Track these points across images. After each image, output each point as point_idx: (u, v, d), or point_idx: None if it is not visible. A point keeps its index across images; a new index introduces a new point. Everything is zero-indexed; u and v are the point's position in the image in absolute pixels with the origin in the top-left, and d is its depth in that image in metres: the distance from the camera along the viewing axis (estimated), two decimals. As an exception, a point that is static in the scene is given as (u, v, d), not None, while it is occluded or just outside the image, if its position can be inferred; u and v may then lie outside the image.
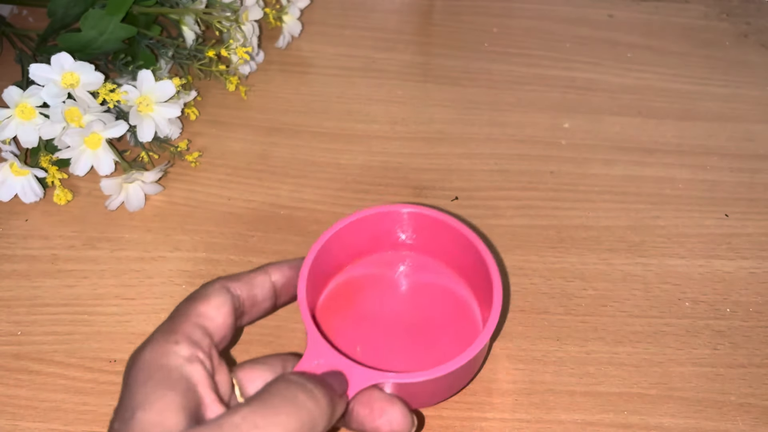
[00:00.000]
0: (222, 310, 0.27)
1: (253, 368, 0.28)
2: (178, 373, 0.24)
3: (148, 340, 0.25)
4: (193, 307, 0.27)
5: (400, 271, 0.36)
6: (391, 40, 0.54)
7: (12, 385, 0.35)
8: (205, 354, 0.25)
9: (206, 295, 0.28)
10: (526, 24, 0.56)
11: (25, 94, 0.40)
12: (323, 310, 0.35)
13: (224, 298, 0.28)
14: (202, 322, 0.27)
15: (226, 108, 0.48)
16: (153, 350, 0.25)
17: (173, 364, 0.24)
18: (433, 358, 0.33)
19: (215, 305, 0.27)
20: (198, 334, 0.26)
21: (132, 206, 0.42)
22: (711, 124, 0.49)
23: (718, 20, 0.57)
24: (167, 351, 0.24)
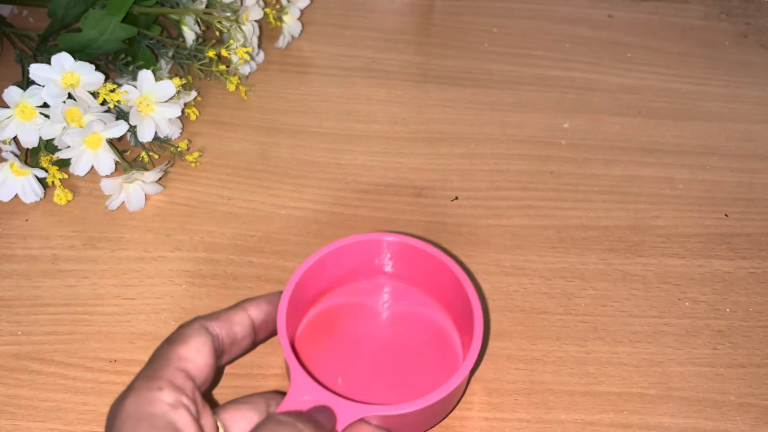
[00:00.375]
0: (202, 351, 0.27)
1: (237, 409, 0.28)
2: (163, 421, 0.23)
3: (130, 387, 0.25)
4: (173, 350, 0.27)
5: (380, 299, 0.36)
6: (391, 40, 0.54)
7: (12, 384, 0.35)
8: (188, 398, 0.25)
9: (185, 337, 0.27)
10: (526, 24, 0.56)
11: (26, 94, 0.40)
12: (303, 339, 0.34)
13: (204, 338, 0.27)
14: (183, 365, 0.26)
15: (227, 108, 0.48)
16: (137, 399, 0.24)
17: (158, 411, 0.24)
18: (415, 387, 0.33)
19: (195, 347, 0.27)
20: (180, 378, 0.26)
21: (132, 206, 0.42)
22: (711, 124, 0.49)
23: (717, 20, 0.57)
24: (151, 398, 0.24)
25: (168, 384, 0.25)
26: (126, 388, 0.25)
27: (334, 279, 0.35)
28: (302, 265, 0.32)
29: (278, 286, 0.39)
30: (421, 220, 0.42)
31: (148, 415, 0.24)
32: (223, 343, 0.28)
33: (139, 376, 0.26)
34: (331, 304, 0.35)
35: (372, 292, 0.36)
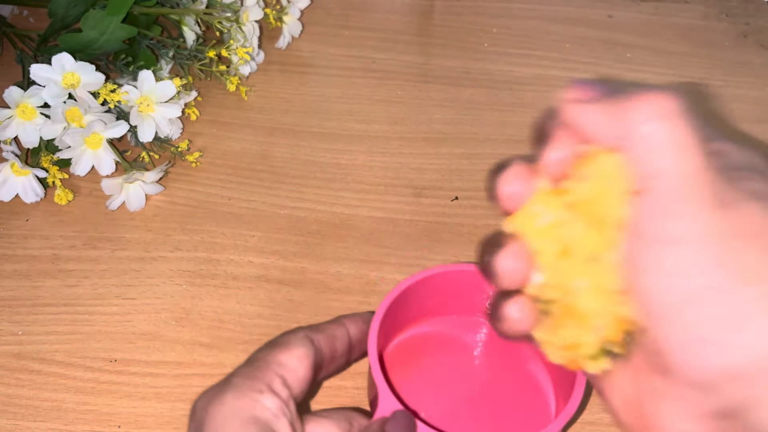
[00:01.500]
0: (304, 363, 0.26)
1: (318, 422, 0.27)
2: (269, 428, 0.23)
3: (228, 383, 0.25)
4: (275, 354, 0.26)
5: (477, 337, 0.33)
6: (391, 40, 0.54)
7: (13, 384, 0.35)
8: (287, 407, 0.25)
9: (289, 344, 0.27)
10: (526, 24, 0.56)
11: (26, 94, 0.40)
12: (390, 362, 0.33)
13: (306, 349, 0.27)
14: (282, 372, 0.26)
15: (227, 108, 0.48)
16: (239, 397, 0.24)
17: (263, 417, 0.23)
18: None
19: (297, 356, 0.26)
20: (278, 384, 0.25)
21: (133, 206, 0.42)
22: (710, 124, 0.49)
23: (717, 20, 0.57)
24: (254, 400, 0.24)
25: (268, 389, 0.24)
26: (223, 383, 0.25)
27: (432, 307, 0.33)
28: (401, 284, 0.30)
29: (278, 286, 0.39)
30: (421, 220, 0.42)
31: (254, 418, 0.23)
32: (324, 357, 0.28)
33: (237, 373, 0.25)
34: (424, 331, 0.33)
35: (469, 328, 0.33)
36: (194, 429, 0.24)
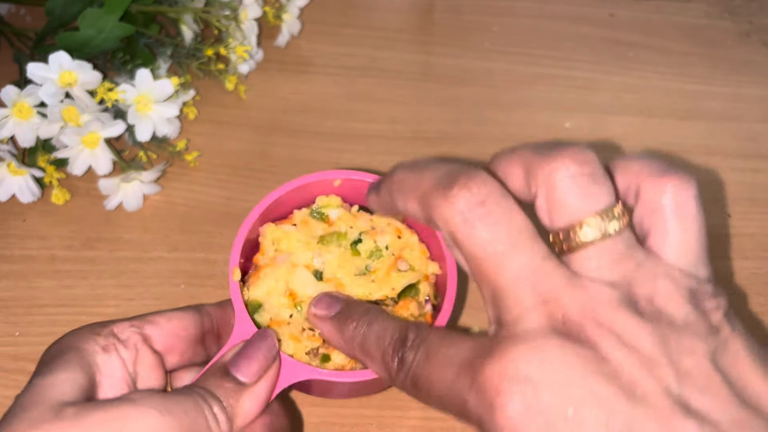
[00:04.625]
0: (174, 320, 0.27)
1: (166, 315, 0.28)
2: (87, 356, 0.24)
3: (83, 326, 0.26)
4: (153, 314, 0.28)
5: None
6: (391, 39, 0.53)
7: (10, 386, 0.35)
8: (127, 351, 0.26)
9: (174, 310, 0.28)
10: (527, 23, 0.55)
11: (23, 93, 0.39)
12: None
13: (185, 312, 0.28)
14: (140, 324, 0.27)
15: (225, 107, 0.48)
16: (74, 335, 0.26)
17: (87, 348, 0.25)
18: None
19: (169, 315, 0.27)
20: (127, 333, 0.26)
21: (130, 206, 0.41)
22: (713, 123, 0.48)
23: (720, 19, 0.57)
24: (85, 338, 0.25)
25: (109, 332, 0.26)
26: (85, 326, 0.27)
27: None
28: (245, 223, 0.30)
29: (277, 286, 0.39)
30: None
31: (75, 348, 0.24)
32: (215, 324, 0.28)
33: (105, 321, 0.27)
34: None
35: None
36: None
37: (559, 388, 0.18)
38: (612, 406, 0.18)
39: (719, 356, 0.19)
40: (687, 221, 0.21)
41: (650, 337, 0.19)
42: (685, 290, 0.20)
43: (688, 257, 0.21)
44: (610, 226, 0.20)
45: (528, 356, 0.19)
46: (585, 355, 0.19)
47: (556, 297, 0.20)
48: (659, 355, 0.19)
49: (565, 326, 0.19)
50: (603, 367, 0.18)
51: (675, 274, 0.21)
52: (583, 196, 0.20)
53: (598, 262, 0.20)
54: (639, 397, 0.18)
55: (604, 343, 0.19)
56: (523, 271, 0.20)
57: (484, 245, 0.20)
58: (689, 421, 0.18)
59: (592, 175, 0.21)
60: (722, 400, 0.18)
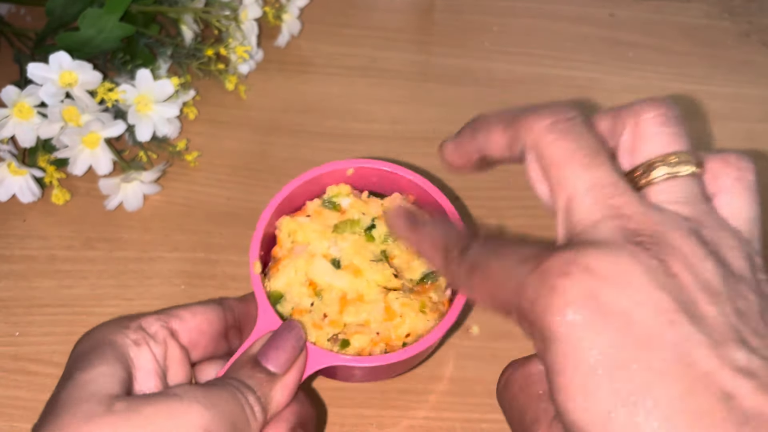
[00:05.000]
0: (199, 316, 0.27)
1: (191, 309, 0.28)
2: (121, 350, 0.25)
3: (111, 321, 0.27)
4: (176, 307, 0.28)
5: None
6: (391, 39, 0.53)
7: (10, 386, 0.35)
8: (157, 345, 0.26)
9: (196, 304, 0.28)
10: (527, 23, 0.55)
11: (23, 93, 0.39)
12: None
13: (207, 307, 0.28)
14: (166, 318, 0.27)
15: (225, 107, 0.48)
16: (104, 329, 0.26)
17: (119, 342, 0.25)
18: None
19: (194, 309, 0.28)
20: (154, 325, 0.27)
21: (130, 206, 0.41)
22: (713, 123, 0.48)
23: (719, 19, 0.57)
24: (116, 332, 0.26)
25: (137, 326, 0.26)
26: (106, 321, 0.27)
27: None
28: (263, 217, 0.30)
29: (277, 286, 0.39)
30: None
31: (109, 341, 0.25)
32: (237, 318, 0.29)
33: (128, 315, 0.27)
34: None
35: None
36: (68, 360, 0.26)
37: (624, 288, 0.18)
38: (674, 318, 0.18)
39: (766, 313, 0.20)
40: (747, 192, 0.22)
41: (715, 270, 0.19)
42: (744, 250, 0.21)
43: (747, 227, 0.22)
44: (686, 168, 0.21)
45: (599, 253, 0.19)
46: (655, 267, 0.19)
47: (631, 213, 0.20)
48: (721, 287, 0.19)
49: (637, 239, 0.19)
50: (669, 281, 0.19)
51: (738, 235, 0.21)
52: (664, 138, 0.21)
53: (673, 196, 0.21)
54: (698, 317, 0.18)
55: (674, 261, 0.19)
56: (600, 181, 0.21)
57: (566, 152, 0.21)
58: (742, 350, 0.18)
59: (676, 123, 0.22)
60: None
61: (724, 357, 0.18)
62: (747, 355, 0.18)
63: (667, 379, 0.18)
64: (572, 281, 0.19)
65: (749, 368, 0.18)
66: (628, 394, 0.18)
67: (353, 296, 0.29)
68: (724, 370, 0.18)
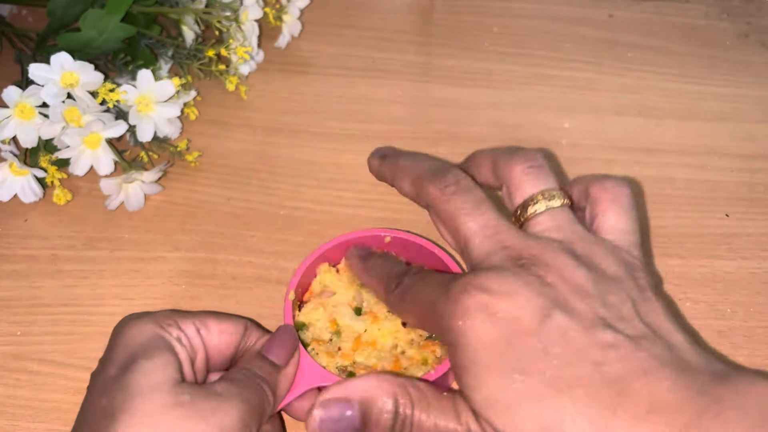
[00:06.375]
0: (224, 334, 0.29)
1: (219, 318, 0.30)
2: (170, 344, 0.27)
3: (149, 314, 0.29)
4: (206, 315, 0.30)
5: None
6: (391, 39, 0.54)
7: (11, 385, 0.35)
8: (191, 346, 0.28)
9: (227, 318, 0.30)
10: (527, 24, 0.55)
11: (25, 93, 0.39)
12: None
13: (236, 326, 0.30)
14: (201, 326, 0.29)
15: (226, 108, 0.48)
16: (152, 321, 0.28)
17: (167, 337, 0.28)
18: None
19: (222, 327, 0.29)
20: (191, 329, 0.29)
21: (132, 206, 0.42)
22: (712, 123, 0.49)
23: (718, 20, 0.57)
24: (163, 328, 0.28)
25: (177, 326, 0.28)
26: (145, 313, 0.29)
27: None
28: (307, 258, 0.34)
29: (278, 286, 0.39)
30: (421, 220, 0.42)
31: (158, 335, 0.27)
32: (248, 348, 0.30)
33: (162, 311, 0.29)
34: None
35: None
36: (111, 341, 0.28)
37: (509, 298, 0.24)
38: (549, 313, 0.23)
39: (639, 304, 0.24)
40: (622, 210, 0.27)
41: (585, 276, 0.24)
42: (618, 257, 0.26)
43: (623, 237, 0.27)
44: (552, 202, 0.27)
45: (490, 275, 0.25)
46: (533, 281, 0.24)
47: (512, 244, 0.26)
48: (591, 288, 0.24)
49: (519, 262, 0.25)
50: (546, 289, 0.24)
51: (611, 245, 0.26)
52: (532, 181, 0.27)
53: (545, 225, 0.26)
54: (570, 311, 0.23)
55: (549, 274, 0.24)
56: (485, 223, 0.26)
57: (457, 207, 0.27)
58: (607, 332, 0.23)
59: (540, 168, 0.28)
60: (636, 326, 0.23)
61: (593, 336, 0.23)
62: (613, 334, 0.23)
63: (549, 356, 0.22)
64: (469, 295, 0.24)
65: (614, 343, 0.23)
66: (520, 371, 0.22)
67: (367, 340, 0.33)
68: (593, 345, 0.22)
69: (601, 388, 0.22)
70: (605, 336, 0.23)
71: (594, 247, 0.26)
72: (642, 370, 0.22)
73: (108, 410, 0.25)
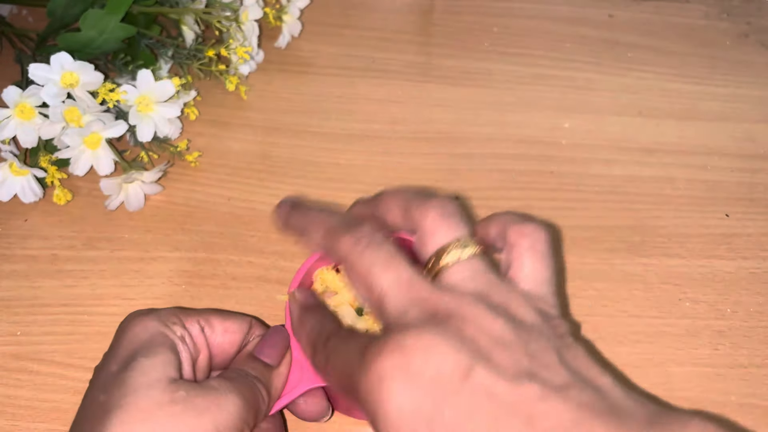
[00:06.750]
0: (227, 332, 0.30)
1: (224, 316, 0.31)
2: (172, 342, 0.28)
3: (154, 311, 0.29)
4: (210, 313, 0.30)
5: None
6: (391, 39, 0.54)
7: (11, 385, 0.35)
8: (194, 344, 0.29)
9: (230, 314, 0.31)
10: (527, 24, 0.55)
11: (25, 93, 0.39)
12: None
13: (240, 325, 0.30)
14: (205, 325, 0.29)
15: (226, 108, 0.48)
16: (156, 318, 0.28)
17: (170, 335, 0.28)
18: None
19: (226, 326, 0.30)
20: (195, 328, 0.29)
21: (132, 206, 0.42)
22: (711, 123, 0.49)
23: (718, 20, 0.57)
24: (167, 326, 0.28)
25: (182, 325, 0.29)
26: (149, 309, 0.29)
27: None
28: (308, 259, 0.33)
29: (278, 286, 0.39)
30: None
31: (161, 333, 0.28)
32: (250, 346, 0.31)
33: (167, 308, 0.30)
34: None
35: None
36: (116, 337, 0.28)
37: (427, 356, 0.22)
38: (470, 368, 0.22)
39: (562, 351, 0.23)
40: (538, 258, 0.26)
41: (504, 326, 0.23)
42: (533, 306, 0.25)
43: (539, 286, 0.26)
44: (466, 251, 0.26)
45: (405, 333, 0.23)
46: (451, 335, 0.23)
47: (426, 298, 0.24)
48: (512, 338, 0.23)
49: (436, 317, 0.24)
50: (465, 343, 0.23)
51: (526, 294, 0.25)
52: (445, 230, 0.26)
53: (460, 276, 0.25)
54: (494, 364, 0.22)
55: (467, 326, 0.23)
56: (398, 280, 0.25)
57: (368, 265, 0.26)
58: (534, 383, 0.22)
59: (452, 216, 0.27)
60: (562, 374, 0.22)
61: (520, 390, 0.21)
62: (540, 385, 0.22)
63: (476, 416, 0.21)
64: (383, 357, 0.23)
65: (542, 395, 0.21)
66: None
67: None
68: (522, 400, 0.21)
69: None
70: (532, 388, 0.22)
71: (510, 296, 0.25)
72: (573, 421, 0.21)
73: (105, 406, 0.25)
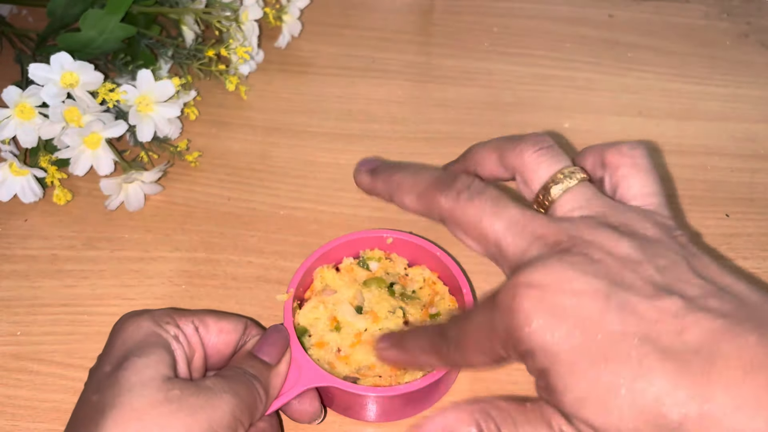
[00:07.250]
0: (222, 333, 0.30)
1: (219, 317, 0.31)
2: (166, 342, 0.28)
3: (147, 311, 0.29)
4: (205, 314, 0.30)
5: None
6: (391, 39, 0.54)
7: (11, 385, 0.35)
8: (188, 344, 0.29)
9: (225, 315, 0.31)
10: (527, 24, 0.55)
11: (25, 93, 0.39)
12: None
13: (235, 326, 0.30)
14: (199, 325, 0.29)
15: (226, 108, 0.48)
16: (149, 318, 0.29)
17: (164, 334, 0.28)
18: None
19: (221, 327, 0.30)
20: (189, 327, 0.29)
21: (132, 206, 0.42)
22: (711, 123, 0.49)
23: (718, 20, 0.57)
24: (161, 326, 0.29)
25: (176, 324, 0.29)
26: (143, 311, 0.29)
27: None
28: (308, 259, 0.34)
29: (278, 286, 0.39)
30: (421, 220, 0.42)
31: (155, 333, 0.28)
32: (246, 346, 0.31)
33: (160, 309, 0.30)
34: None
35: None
36: (110, 338, 0.29)
37: (561, 286, 0.22)
38: (608, 293, 0.22)
39: (692, 261, 0.23)
40: (643, 173, 0.26)
41: (629, 245, 0.23)
42: (652, 220, 0.25)
43: (651, 201, 0.26)
44: (573, 179, 0.25)
45: (534, 269, 0.23)
46: (578, 261, 0.22)
47: (545, 231, 0.24)
48: (639, 256, 0.23)
49: (559, 247, 0.23)
50: (596, 267, 0.22)
51: (641, 210, 0.25)
52: (547, 163, 0.26)
53: (573, 204, 0.25)
54: (627, 285, 0.22)
55: (593, 251, 0.23)
56: (511, 221, 0.25)
57: (476, 215, 0.25)
58: (673, 297, 0.21)
59: (551, 148, 0.26)
60: (697, 285, 0.22)
61: (661, 306, 0.21)
62: (679, 298, 0.21)
63: (627, 337, 0.21)
64: (522, 298, 0.22)
65: (683, 307, 0.21)
66: (604, 360, 0.21)
67: (368, 340, 0.33)
68: (664, 315, 0.21)
69: (689, 357, 0.20)
70: (673, 302, 0.21)
71: (627, 215, 0.24)
72: (722, 330, 0.21)
73: (99, 406, 0.25)
